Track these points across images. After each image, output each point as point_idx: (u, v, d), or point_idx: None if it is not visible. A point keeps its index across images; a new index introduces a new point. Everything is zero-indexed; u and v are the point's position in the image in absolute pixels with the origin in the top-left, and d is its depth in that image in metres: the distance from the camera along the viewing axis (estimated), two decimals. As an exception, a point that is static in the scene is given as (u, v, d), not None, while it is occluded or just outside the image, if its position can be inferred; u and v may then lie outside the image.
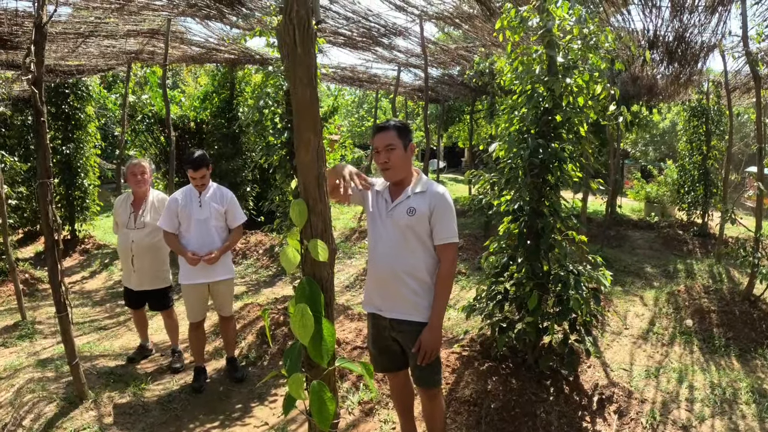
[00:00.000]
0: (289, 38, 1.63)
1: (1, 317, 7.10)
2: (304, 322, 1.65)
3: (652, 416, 4.24)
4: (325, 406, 1.68)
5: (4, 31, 7.02)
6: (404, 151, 3.20)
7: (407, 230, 3.16)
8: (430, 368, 3.26)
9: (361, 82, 14.50)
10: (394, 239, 3.19)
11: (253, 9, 6.77)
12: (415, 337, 3.19)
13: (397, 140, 3.17)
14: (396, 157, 3.17)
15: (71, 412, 4.37)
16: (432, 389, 3.36)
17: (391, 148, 3.17)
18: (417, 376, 3.34)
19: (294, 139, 1.75)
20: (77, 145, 11.27)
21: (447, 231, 3.17)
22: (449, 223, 3.18)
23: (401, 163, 3.20)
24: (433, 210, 3.15)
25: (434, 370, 3.30)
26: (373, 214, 3.33)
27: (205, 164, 4.71)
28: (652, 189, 15.52)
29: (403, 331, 3.25)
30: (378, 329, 3.37)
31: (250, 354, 5.56)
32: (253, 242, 10.52)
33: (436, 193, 3.20)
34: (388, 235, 3.21)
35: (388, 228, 3.22)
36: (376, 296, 3.32)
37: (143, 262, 5.24)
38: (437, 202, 3.16)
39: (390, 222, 3.21)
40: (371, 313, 3.39)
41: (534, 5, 4.34)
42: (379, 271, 3.25)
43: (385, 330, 3.32)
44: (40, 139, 4.14)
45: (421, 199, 3.17)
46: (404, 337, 3.26)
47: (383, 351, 3.40)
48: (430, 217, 3.16)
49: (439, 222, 3.16)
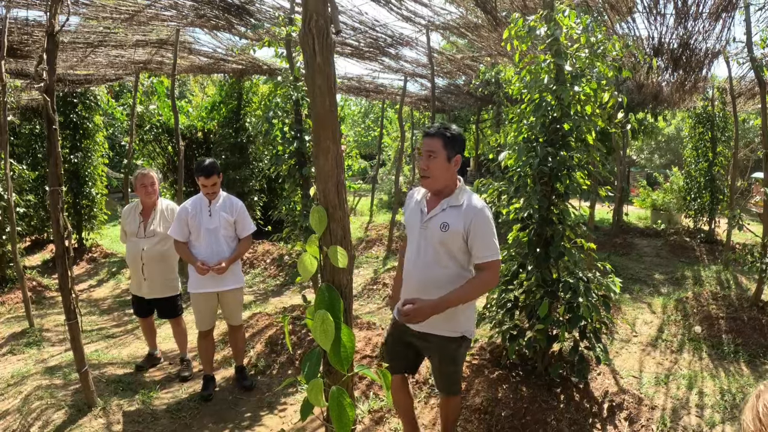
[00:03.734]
0: (309, 47, 1.65)
1: (9, 324, 7.11)
2: (324, 327, 1.66)
3: (663, 423, 4.23)
4: (344, 412, 1.69)
5: (15, 40, 7.08)
6: (447, 162, 3.06)
7: (439, 245, 3.05)
8: (448, 380, 3.33)
9: (367, 92, 14.55)
10: (427, 252, 3.10)
11: (261, 20, 6.82)
12: (441, 349, 3.20)
13: (440, 149, 3.03)
14: (436, 166, 3.05)
15: (80, 420, 4.37)
16: (449, 396, 3.43)
17: (432, 156, 3.04)
18: (437, 383, 3.42)
19: (313, 147, 1.76)
20: (85, 155, 11.30)
21: (487, 248, 3.01)
22: (489, 240, 3.01)
23: (440, 174, 3.06)
24: (470, 227, 2.99)
25: (453, 380, 3.35)
26: (409, 223, 3.26)
27: (216, 172, 4.72)
28: (659, 196, 15.48)
29: (429, 341, 3.22)
30: (398, 331, 3.36)
31: (259, 363, 5.56)
32: (260, 251, 10.53)
33: (473, 208, 3.02)
34: (421, 247, 3.12)
35: (422, 240, 3.12)
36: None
37: (153, 270, 5.26)
38: (474, 218, 2.99)
39: (424, 234, 3.11)
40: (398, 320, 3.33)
41: (541, 15, 4.36)
42: (410, 281, 3.19)
43: (405, 334, 3.30)
44: (52, 147, 4.17)
45: (456, 214, 3.03)
46: (428, 347, 3.26)
47: (396, 353, 3.41)
48: (467, 235, 3.01)
49: (479, 240, 3.00)
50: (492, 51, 8.78)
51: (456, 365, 3.30)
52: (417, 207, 3.23)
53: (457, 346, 3.22)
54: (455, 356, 3.26)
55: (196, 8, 6.67)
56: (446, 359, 3.26)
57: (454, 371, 3.32)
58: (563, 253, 4.35)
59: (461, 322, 3.17)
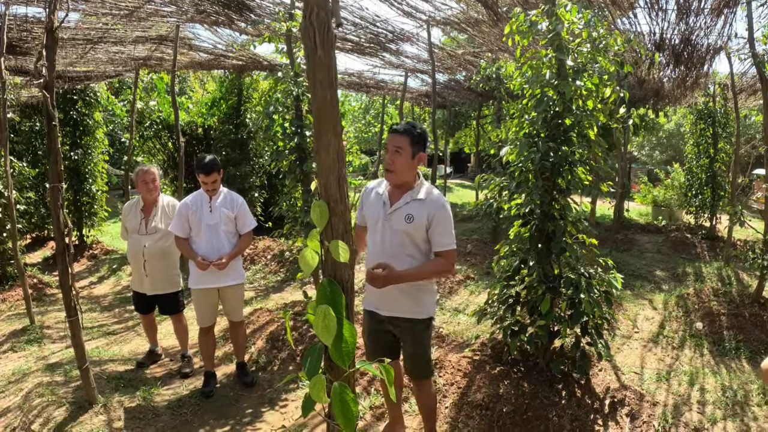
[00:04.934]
0: (310, 41, 1.63)
1: (10, 321, 7.12)
2: (326, 323, 1.65)
3: (664, 419, 4.23)
4: (348, 407, 1.68)
5: (14, 37, 7.06)
6: (411, 159, 3.26)
7: (404, 236, 3.28)
8: (420, 362, 3.51)
9: (368, 88, 14.55)
10: (391, 243, 3.30)
11: (261, 15, 6.80)
12: (411, 331, 3.42)
13: (406, 145, 3.22)
14: (401, 161, 3.24)
15: (81, 416, 4.37)
16: (421, 380, 3.58)
17: (398, 152, 3.22)
18: (409, 369, 3.57)
19: (314, 141, 1.75)
20: (85, 151, 11.28)
21: (446, 237, 3.28)
22: (449, 230, 3.29)
23: (403, 169, 3.26)
24: (432, 220, 3.24)
25: (424, 362, 3.54)
26: (370, 215, 3.44)
27: (216, 169, 4.72)
28: (660, 193, 15.46)
29: (399, 325, 3.45)
30: (374, 322, 3.55)
31: (260, 359, 5.56)
32: (261, 248, 10.52)
33: (434, 203, 3.27)
34: (385, 238, 3.32)
35: (385, 231, 3.33)
36: (374, 296, 3.46)
37: (155, 267, 5.25)
38: (436, 212, 3.24)
39: (388, 225, 3.32)
40: (369, 310, 3.56)
41: (543, 10, 4.34)
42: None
43: (382, 323, 3.51)
44: (52, 144, 4.15)
45: (419, 207, 3.26)
46: (400, 331, 3.47)
47: (377, 341, 3.59)
48: (429, 226, 3.26)
49: (438, 231, 3.26)
50: (493, 46, 8.77)
51: (424, 347, 3.52)
52: (378, 199, 3.42)
53: (424, 328, 3.47)
54: (422, 337, 3.49)
55: (196, 4, 6.66)
56: (416, 341, 3.47)
57: (423, 353, 3.52)
58: (565, 249, 4.34)
59: (427, 305, 3.46)
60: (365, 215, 3.52)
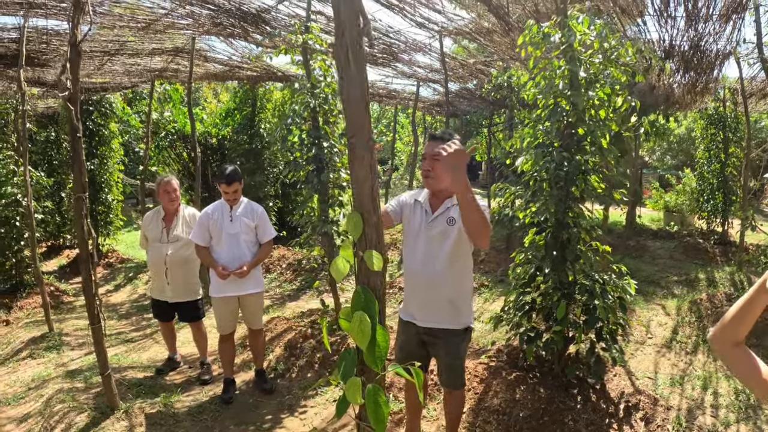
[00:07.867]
0: (343, 57, 1.72)
1: (28, 329, 7.21)
2: (362, 328, 1.73)
3: (678, 423, 4.27)
4: (380, 409, 1.76)
5: (32, 49, 7.19)
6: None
7: (447, 240, 3.29)
8: (454, 371, 3.49)
9: (380, 98, 14.64)
10: (434, 249, 3.32)
11: (277, 27, 6.90)
12: (446, 343, 3.39)
13: None
14: (440, 167, 3.23)
15: (102, 422, 4.45)
16: (455, 391, 3.58)
17: (437, 159, 3.16)
18: (444, 379, 3.56)
19: (348, 154, 1.84)
20: (101, 161, 11.43)
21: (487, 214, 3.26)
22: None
23: (443, 175, 3.24)
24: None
25: (458, 374, 3.53)
26: (412, 225, 3.45)
27: (237, 179, 4.82)
28: (671, 198, 15.42)
29: (436, 336, 3.42)
30: (409, 335, 3.54)
31: (279, 366, 5.63)
32: (276, 256, 10.60)
33: None
34: (428, 245, 3.33)
35: (427, 238, 3.34)
36: (414, 305, 3.47)
37: (176, 274, 5.34)
38: None
39: (430, 232, 3.34)
40: (406, 321, 3.55)
41: (555, 21, 4.41)
42: (418, 281, 3.38)
43: (417, 335, 3.49)
44: (76, 155, 4.26)
45: (457, 211, 3.24)
46: (435, 342, 3.44)
47: (409, 354, 3.53)
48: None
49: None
50: (504, 55, 8.84)
51: (460, 358, 3.51)
52: (419, 207, 3.45)
53: (461, 340, 3.46)
54: (458, 349, 3.46)
55: (212, 17, 6.76)
56: (452, 352, 3.45)
57: (459, 364, 3.51)
58: (579, 256, 4.40)
59: (464, 314, 3.43)
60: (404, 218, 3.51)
